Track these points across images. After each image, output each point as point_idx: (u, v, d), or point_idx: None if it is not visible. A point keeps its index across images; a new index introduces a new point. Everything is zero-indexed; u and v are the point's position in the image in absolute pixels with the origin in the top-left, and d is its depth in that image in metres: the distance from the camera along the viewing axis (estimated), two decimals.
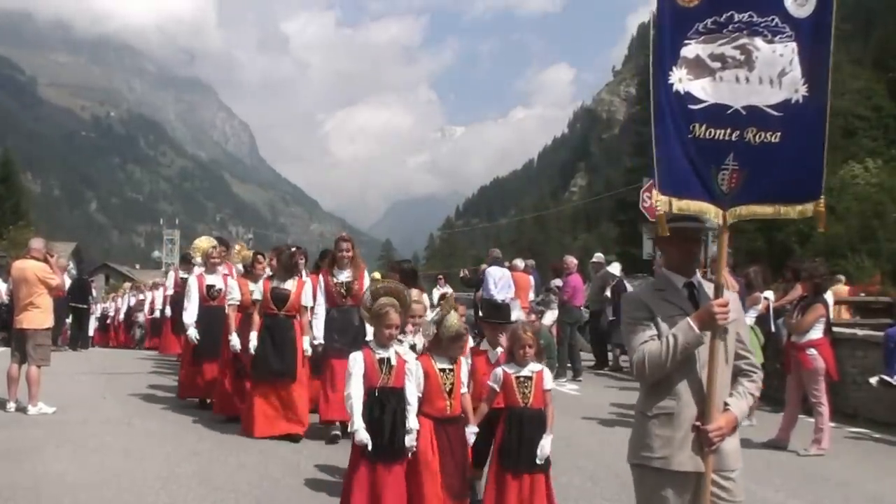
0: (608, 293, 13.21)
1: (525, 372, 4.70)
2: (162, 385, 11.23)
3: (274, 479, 6.06)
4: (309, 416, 7.61)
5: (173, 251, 74.28)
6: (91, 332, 21.17)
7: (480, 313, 7.35)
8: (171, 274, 14.61)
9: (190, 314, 8.89)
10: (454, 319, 4.66)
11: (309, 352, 7.50)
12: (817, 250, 21.03)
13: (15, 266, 9.01)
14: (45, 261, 8.85)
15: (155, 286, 19.55)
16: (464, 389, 4.71)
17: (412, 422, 4.41)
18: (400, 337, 4.77)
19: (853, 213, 22.54)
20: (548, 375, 4.79)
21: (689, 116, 3.12)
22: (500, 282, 11.54)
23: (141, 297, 20.39)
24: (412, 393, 4.47)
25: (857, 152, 28.38)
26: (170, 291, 13.62)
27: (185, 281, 12.62)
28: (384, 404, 4.36)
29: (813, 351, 7.71)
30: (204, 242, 10.06)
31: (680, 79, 3.12)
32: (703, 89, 3.12)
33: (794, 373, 8.02)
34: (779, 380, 10.05)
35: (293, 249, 8.23)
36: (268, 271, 8.31)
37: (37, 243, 9.21)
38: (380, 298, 4.57)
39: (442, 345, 4.67)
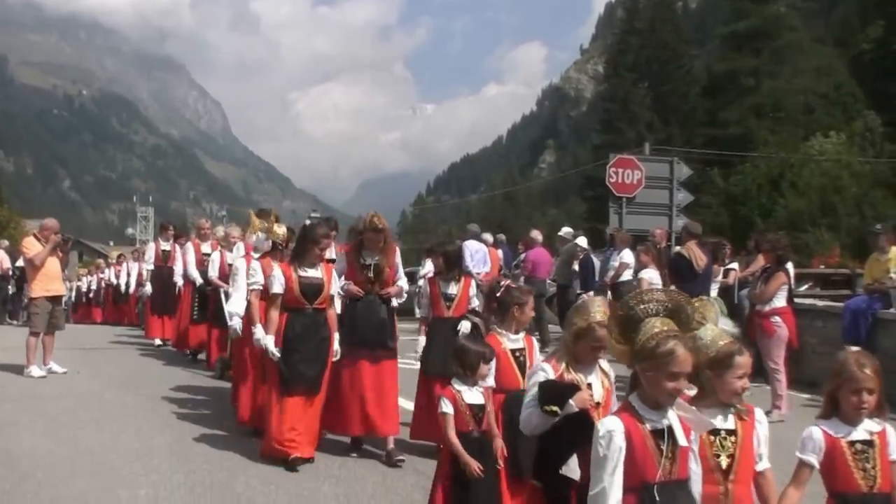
0: (576, 267, 13.36)
1: (860, 434, 2.95)
2: (135, 360, 11.29)
3: (248, 449, 6.09)
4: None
5: (147, 228, 74.37)
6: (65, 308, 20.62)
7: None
8: (152, 246, 13.13)
9: (236, 302, 7.05)
10: (714, 332, 2.97)
11: (338, 356, 6.01)
12: (779, 224, 21.48)
13: None
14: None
15: (138, 256, 17.33)
16: (762, 465, 2.98)
17: None
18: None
19: (814, 187, 23.02)
20: (893, 437, 3.00)
21: None
22: (476, 255, 11.63)
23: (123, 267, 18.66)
24: (697, 480, 2.71)
25: (815, 129, 28.96)
26: (150, 266, 12.51)
27: (166, 254, 12.08)
28: None
29: (777, 319, 7.94)
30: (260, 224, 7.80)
31: None
32: None
33: (759, 340, 8.24)
34: None
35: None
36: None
37: (48, 222, 9.60)
38: (651, 323, 2.70)
39: (708, 387, 2.90)
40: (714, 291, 9.82)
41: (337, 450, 6.12)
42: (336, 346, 5.98)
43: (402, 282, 6.43)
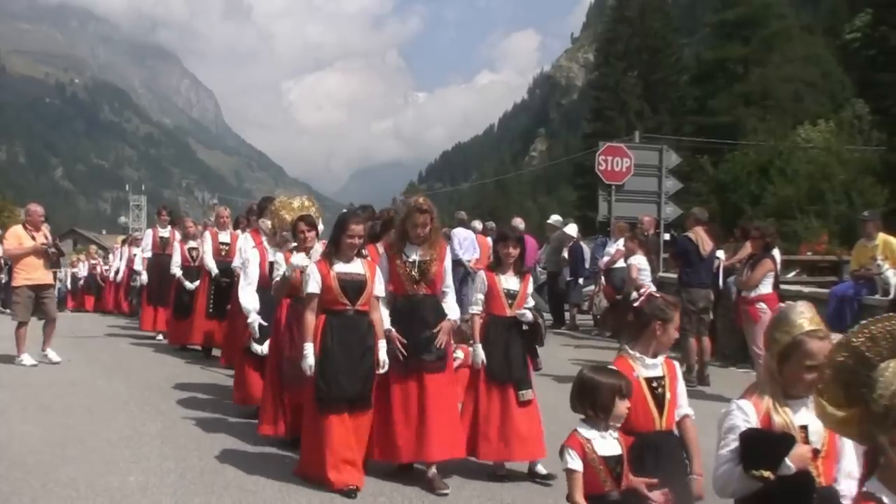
0: (565, 254, 13.44)
1: None
2: (127, 348, 11.31)
3: (237, 436, 6.14)
4: None
5: (140, 216, 74.53)
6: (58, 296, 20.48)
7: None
8: (149, 233, 12.38)
9: (250, 297, 6.46)
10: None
11: (386, 366, 5.11)
12: (768, 211, 21.58)
13: None
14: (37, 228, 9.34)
15: (134, 241, 16.26)
16: None
17: None
18: None
19: (802, 175, 23.12)
20: None
21: None
22: (464, 243, 11.72)
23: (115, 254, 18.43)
24: None
25: (804, 117, 29.10)
26: (147, 254, 11.95)
27: (164, 241, 11.59)
28: None
29: (762, 305, 8.03)
30: (293, 206, 6.44)
31: None
32: None
33: (745, 326, 8.35)
34: (727, 336, 10.46)
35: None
36: (318, 246, 5.96)
37: (32, 207, 9.61)
38: (893, 370, 1.87)
39: None
40: None
41: None
42: (383, 355, 5.10)
43: (451, 295, 5.43)
